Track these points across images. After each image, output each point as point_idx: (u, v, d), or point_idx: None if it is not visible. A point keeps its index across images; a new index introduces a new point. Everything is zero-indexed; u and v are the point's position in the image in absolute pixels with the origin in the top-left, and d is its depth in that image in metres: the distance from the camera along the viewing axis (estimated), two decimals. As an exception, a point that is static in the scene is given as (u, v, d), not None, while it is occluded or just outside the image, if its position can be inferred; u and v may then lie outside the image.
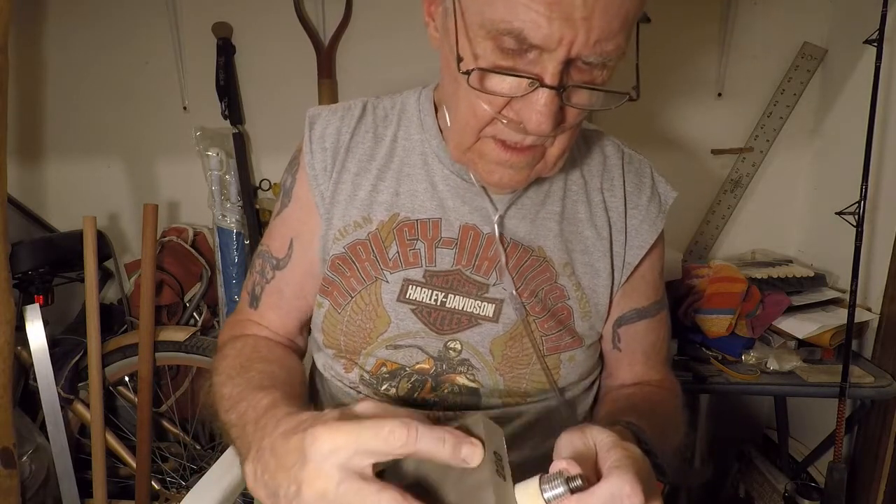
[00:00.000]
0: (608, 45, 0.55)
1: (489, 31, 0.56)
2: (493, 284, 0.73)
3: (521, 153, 0.63)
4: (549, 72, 0.56)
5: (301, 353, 0.85)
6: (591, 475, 0.47)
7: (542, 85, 0.56)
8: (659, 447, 0.61)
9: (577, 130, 0.66)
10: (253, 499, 1.11)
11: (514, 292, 0.72)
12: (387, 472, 0.44)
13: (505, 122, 0.61)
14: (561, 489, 0.42)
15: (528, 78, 0.57)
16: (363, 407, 0.47)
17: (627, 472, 0.44)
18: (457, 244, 0.73)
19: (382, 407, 0.46)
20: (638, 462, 0.47)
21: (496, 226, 0.72)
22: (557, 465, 0.45)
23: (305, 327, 0.84)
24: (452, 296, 0.73)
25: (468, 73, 0.58)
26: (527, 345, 0.73)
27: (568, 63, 0.56)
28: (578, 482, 0.43)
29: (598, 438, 0.49)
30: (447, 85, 0.66)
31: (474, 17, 0.57)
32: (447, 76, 0.64)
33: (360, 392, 0.76)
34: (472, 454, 0.42)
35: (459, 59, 0.58)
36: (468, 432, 0.44)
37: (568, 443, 0.50)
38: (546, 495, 0.43)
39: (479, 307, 0.73)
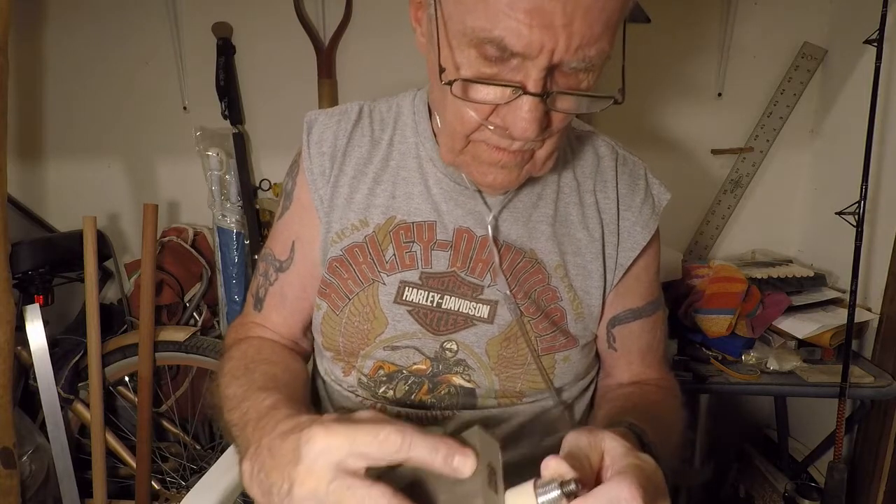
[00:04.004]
0: (590, 51, 0.55)
1: (471, 39, 0.55)
2: (488, 286, 0.73)
3: (511, 154, 0.63)
4: (532, 79, 0.56)
5: (306, 355, 0.85)
6: (591, 475, 0.46)
7: (526, 92, 0.56)
8: (660, 449, 0.61)
9: (565, 131, 0.66)
10: (253, 500, 1.11)
11: (508, 293, 0.72)
12: (381, 479, 0.44)
13: (492, 128, 0.61)
14: (555, 493, 0.42)
15: (511, 86, 0.56)
16: (363, 414, 0.47)
17: (627, 477, 0.44)
18: (451, 247, 0.73)
19: (382, 417, 0.46)
20: (647, 472, 0.46)
21: (490, 228, 0.72)
22: (549, 465, 0.44)
23: (309, 329, 0.84)
24: (448, 297, 0.73)
25: (450, 83, 0.58)
26: (522, 345, 0.73)
27: (552, 69, 0.56)
28: (572, 486, 0.42)
29: (610, 446, 0.48)
30: (435, 90, 0.66)
31: (456, 24, 0.57)
32: (435, 82, 0.64)
33: (358, 395, 0.76)
34: (464, 464, 0.42)
35: (442, 70, 0.58)
36: (463, 443, 0.43)
37: (574, 441, 0.48)
38: (540, 500, 0.42)
39: (474, 308, 0.73)
